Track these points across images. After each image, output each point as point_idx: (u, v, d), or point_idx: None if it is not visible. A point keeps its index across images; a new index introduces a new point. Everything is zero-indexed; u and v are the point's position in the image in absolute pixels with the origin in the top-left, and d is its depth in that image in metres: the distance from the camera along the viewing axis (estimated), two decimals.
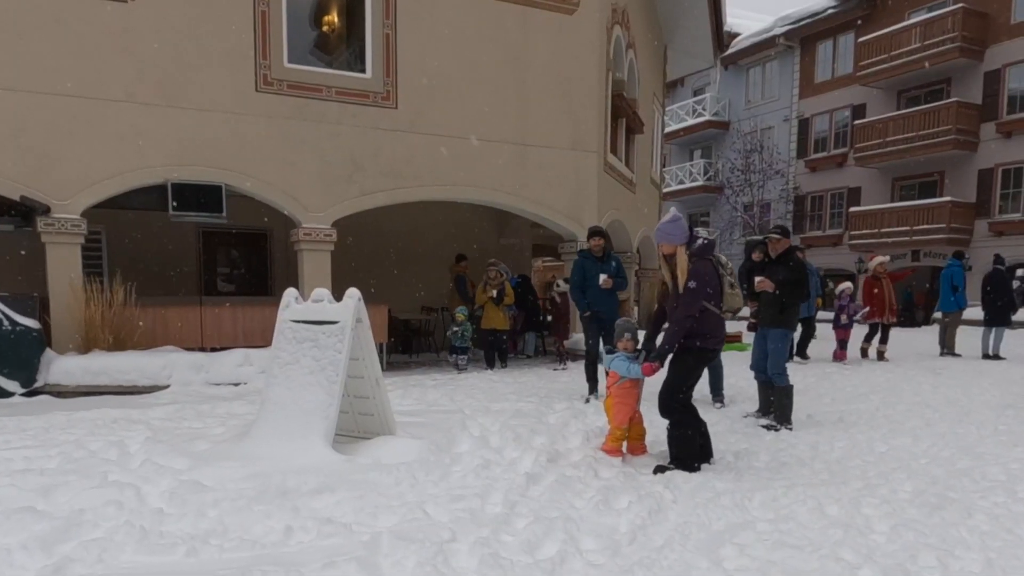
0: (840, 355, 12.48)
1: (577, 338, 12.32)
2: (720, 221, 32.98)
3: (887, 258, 12.77)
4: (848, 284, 12.81)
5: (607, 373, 5.70)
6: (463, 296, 13.43)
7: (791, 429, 6.79)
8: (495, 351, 11.75)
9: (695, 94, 35.29)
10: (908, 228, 24.22)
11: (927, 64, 24.50)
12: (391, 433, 5.62)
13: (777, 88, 31.64)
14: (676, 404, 5.24)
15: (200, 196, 10.15)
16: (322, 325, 5.41)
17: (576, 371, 10.79)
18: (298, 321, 5.52)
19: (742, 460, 5.62)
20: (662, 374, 5.31)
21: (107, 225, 12.14)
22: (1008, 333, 13.13)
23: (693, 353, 5.21)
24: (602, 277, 8.18)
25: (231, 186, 10.44)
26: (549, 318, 13.77)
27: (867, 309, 12.13)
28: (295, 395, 5.28)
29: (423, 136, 11.63)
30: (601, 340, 8.31)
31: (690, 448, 5.20)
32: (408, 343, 13.69)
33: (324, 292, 5.61)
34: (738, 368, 9.33)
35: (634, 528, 3.99)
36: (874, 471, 5.33)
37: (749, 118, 31.79)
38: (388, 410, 5.63)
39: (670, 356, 5.25)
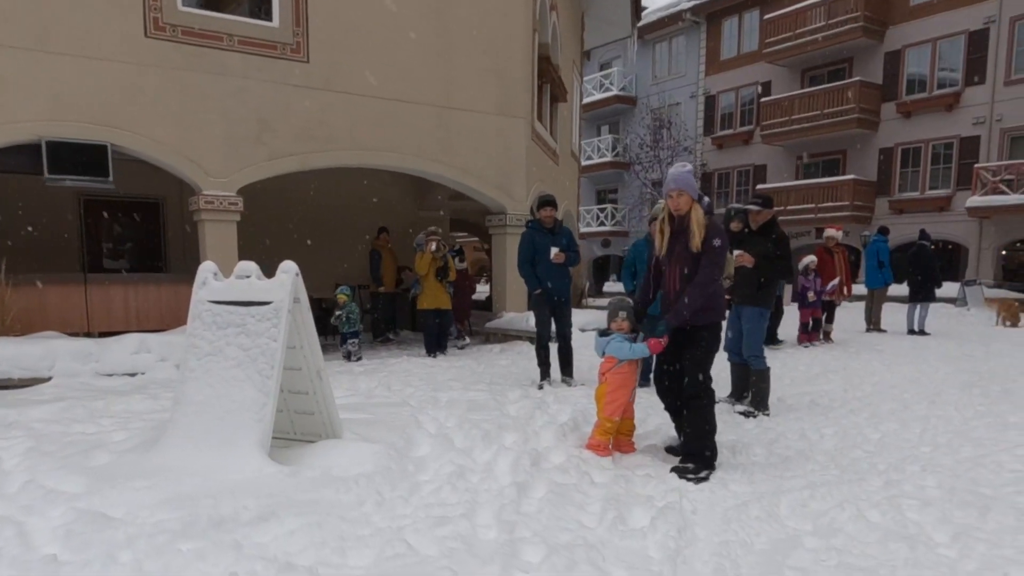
0: (808, 337, 11.31)
1: (510, 317, 11.55)
2: (629, 198, 32.79)
3: (839, 232, 12.23)
4: (812, 258, 11.51)
5: (602, 358, 4.93)
6: (373, 273, 12.45)
7: (768, 415, 6.28)
8: (439, 335, 10.37)
9: (602, 68, 34.86)
10: (813, 205, 24.60)
11: (819, 38, 24.80)
12: (336, 435, 4.69)
13: (684, 64, 31.59)
14: (705, 389, 4.58)
15: (81, 157, 8.72)
16: (251, 307, 4.41)
17: (514, 353, 10.06)
18: (219, 302, 4.49)
19: (739, 455, 5.01)
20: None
21: None
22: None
23: (709, 329, 4.59)
24: (553, 251, 7.41)
25: (118, 146, 9.04)
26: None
27: (837, 280, 11.48)
28: (219, 392, 4.27)
29: (338, 94, 10.51)
30: (553, 321, 7.62)
31: (712, 444, 4.52)
32: (323, 324, 12.56)
33: (251, 266, 4.58)
34: None
35: (668, 553, 3.27)
36: (883, 463, 4.85)
37: (657, 94, 31.65)
38: (333, 408, 4.68)
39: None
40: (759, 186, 26.68)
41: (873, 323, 13.33)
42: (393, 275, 12.70)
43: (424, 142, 11.29)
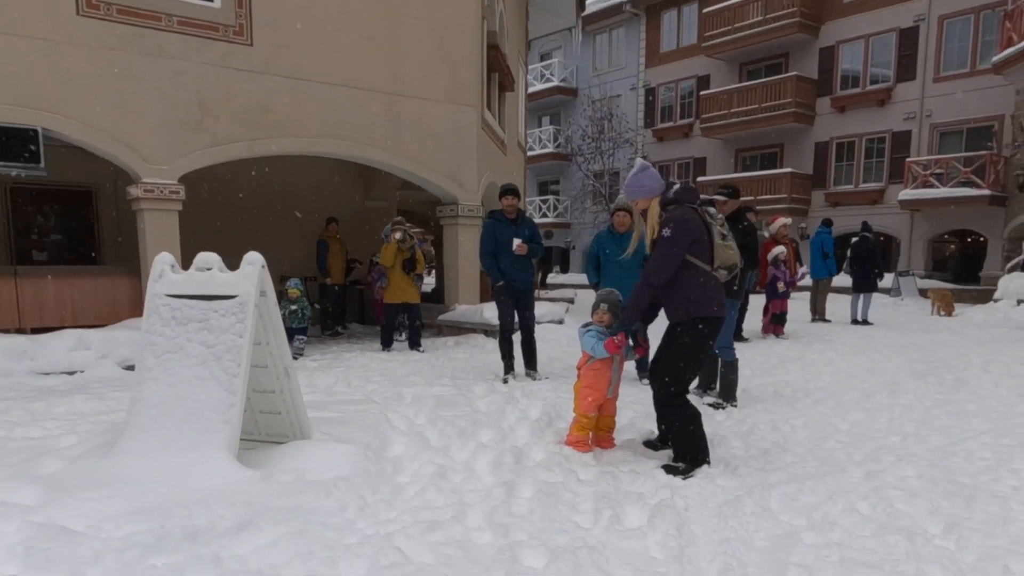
0: (775, 329, 11.17)
1: (464, 310, 11.35)
2: (572, 189, 32.84)
3: (789, 220, 12.28)
4: (782, 248, 11.24)
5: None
6: (320, 264, 12.10)
7: (736, 406, 6.26)
8: (409, 330, 10.00)
9: (542, 59, 34.79)
10: (752, 198, 24.95)
11: (756, 33, 25.18)
12: (305, 436, 4.46)
13: (624, 56, 31.74)
14: (673, 397, 4.41)
15: (8, 141, 8.18)
16: (213, 300, 4.14)
17: (470, 346, 9.89)
18: (179, 296, 4.20)
19: (718, 448, 4.92)
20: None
21: None
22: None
23: (688, 328, 4.34)
24: (516, 242, 7.25)
25: (48, 131, 8.49)
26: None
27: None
28: (181, 392, 4.00)
29: (283, 79, 10.10)
30: (517, 314, 7.48)
31: (701, 444, 4.40)
32: None
33: (213, 257, 4.31)
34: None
35: (671, 553, 3.16)
36: (859, 454, 4.85)
37: (598, 85, 31.71)
38: (301, 407, 4.45)
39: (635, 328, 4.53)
40: (699, 178, 27.04)
41: (818, 313, 13.58)
42: (342, 267, 12.36)
43: (373, 130, 10.97)
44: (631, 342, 4.62)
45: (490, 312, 10.57)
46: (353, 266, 12.80)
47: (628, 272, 7.15)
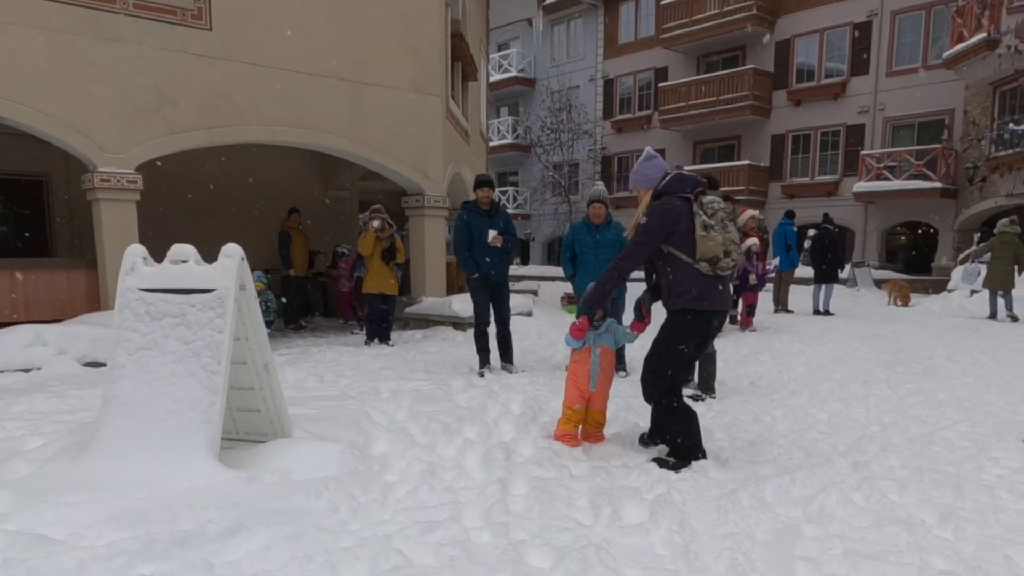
0: (746, 321, 11.01)
1: (431, 302, 11.21)
2: (531, 181, 32.76)
3: (758, 212, 12.30)
4: (755, 240, 10.93)
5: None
6: (282, 255, 11.83)
7: (715, 398, 6.27)
8: (383, 322, 9.67)
9: (500, 49, 34.60)
10: (730, 188, 25.24)
11: (714, 25, 25.38)
12: (286, 434, 4.31)
13: (582, 47, 31.74)
14: (660, 388, 4.35)
15: None
16: (190, 295, 3.96)
17: (439, 339, 9.78)
18: (152, 290, 4.01)
19: (705, 441, 4.89)
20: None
21: None
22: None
23: (674, 318, 4.28)
24: (491, 234, 7.14)
25: None
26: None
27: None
28: (157, 391, 3.82)
29: (244, 66, 9.82)
30: (492, 306, 7.38)
31: (693, 434, 4.36)
32: None
33: (188, 249, 4.12)
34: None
35: (677, 549, 3.11)
36: (842, 444, 4.88)
37: (556, 76, 31.63)
38: (282, 404, 4.30)
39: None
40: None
41: (781, 304, 13.75)
42: (304, 258, 12.09)
43: (336, 119, 10.74)
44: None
45: (459, 305, 10.47)
46: (316, 258, 12.54)
47: (605, 263, 7.10)
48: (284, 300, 11.93)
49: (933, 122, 21.78)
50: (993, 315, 12.50)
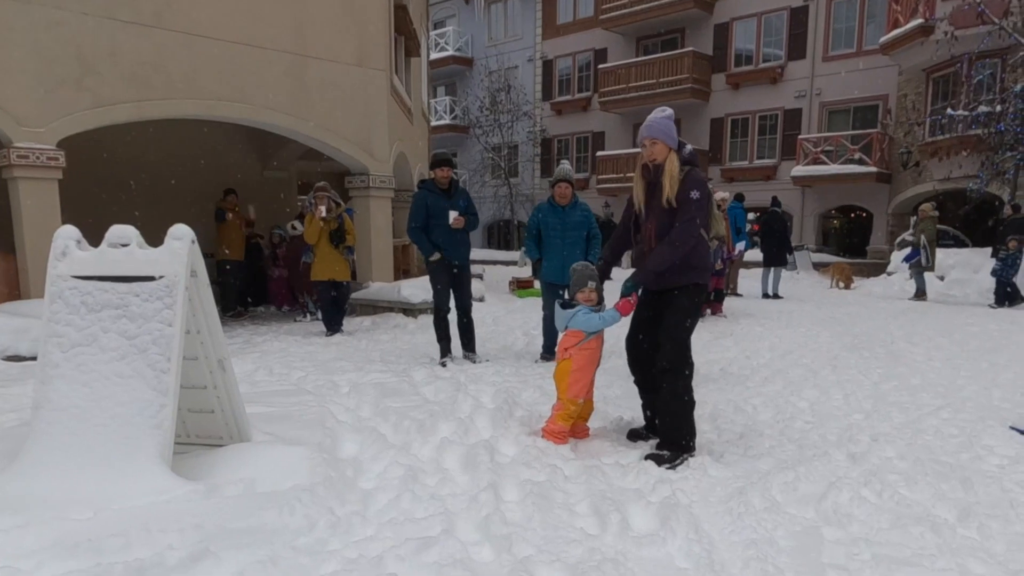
0: (716, 308, 10.63)
1: (379, 287, 10.72)
2: (470, 163, 32.17)
3: (727, 194, 12.12)
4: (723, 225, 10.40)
5: (562, 333, 4.37)
6: (217, 221, 11.15)
7: None
8: (336, 310, 9.00)
9: (436, 27, 33.81)
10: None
11: (652, 7, 25.32)
12: (244, 437, 3.88)
13: (520, 27, 31.23)
14: (686, 360, 4.11)
15: None
16: (133, 282, 3.49)
17: (390, 327, 9.34)
18: (88, 277, 3.52)
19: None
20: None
21: None
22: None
23: (688, 292, 4.08)
24: (452, 215, 6.73)
25: None
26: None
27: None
28: (98, 393, 3.35)
29: (176, 34, 9.13)
30: (452, 292, 6.99)
31: (691, 424, 4.10)
32: None
33: (130, 231, 3.62)
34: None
35: (700, 562, 2.84)
36: (831, 435, 4.70)
37: (495, 56, 31.09)
38: (238, 404, 3.86)
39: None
40: (598, 152, 27.07)
41: (731, 288, 13.70)
42: (241, 242, 11.42)
43: (277, 93, 10.12)
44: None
45: (409, 290, 10.05)
46: (254, 241, 11.89)
47: (571, 245, 6.84)
48: (219, 284, 11.28)
49: (868, 107, 22.13)
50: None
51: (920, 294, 13.25)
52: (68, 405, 3.32)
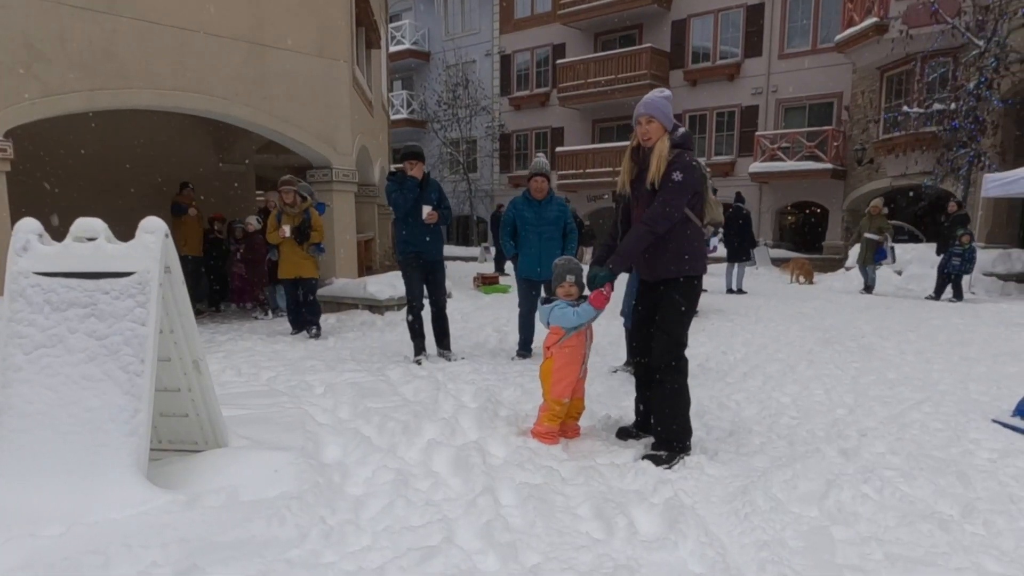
0: None
1: (343, 284, 10.47)
2: (428, 157, 31.70)
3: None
4: None
5: (547, 329, 4.23)
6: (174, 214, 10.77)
7: None
8: (302, 309, 8.54)
9: (392, 20, 33.36)
10: (611, 169, 25.18)
11: (611, 2, 25.33)
12: (221, 443, 3.67)
13: (478, 21, 31.01)
14: (679, 356, 3.99)
15: None
16: (102, 279, 3.27)
17: (357, 324, 9.12)
18: (53, 274, 3.28)
19: None
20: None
21: None
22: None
23: (680, 286, 3.94)
24: (426, 209, 6.54)
25: None
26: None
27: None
28: (65, 398, 3.13)
29: (130, 21, 8.75)
30: (426, 288, 6.81)
31: (686, 423, 4.01)
32: None
33: (97, 224, 3.39)
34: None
35: (715, 566, 2.74)
36: (819, 430, 4.67)
37: (452, 50, 30.80)
38: (215, 408, 3.65)
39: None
40: (557, 148, 27.00)
41: None
42: (199, 237, 11.07)
43: (235, 83, 9.79)
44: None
45: (375, 286, 9.82)
46: (213, 237, 11.53)
47: (548, 241, 6.72)
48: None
49: (823, 104, 22.45)
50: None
51: (868, 289, 13.55)
52: (33, 411, 3.09)
